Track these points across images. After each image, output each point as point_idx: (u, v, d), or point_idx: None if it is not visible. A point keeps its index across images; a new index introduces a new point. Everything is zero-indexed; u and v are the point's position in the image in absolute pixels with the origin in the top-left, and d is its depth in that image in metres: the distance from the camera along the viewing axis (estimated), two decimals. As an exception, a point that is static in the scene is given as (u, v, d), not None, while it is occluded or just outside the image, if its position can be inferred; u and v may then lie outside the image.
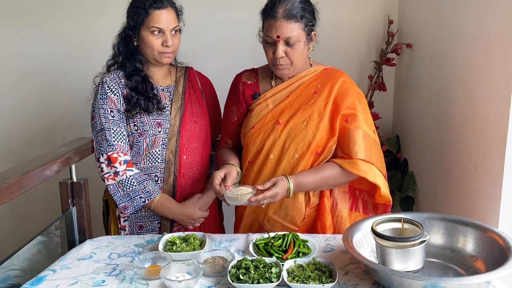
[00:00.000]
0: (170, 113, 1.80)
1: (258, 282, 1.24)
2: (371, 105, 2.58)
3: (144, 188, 1.72)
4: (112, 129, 1.72)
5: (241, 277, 1.26)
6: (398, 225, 1.33)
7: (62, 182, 1.64)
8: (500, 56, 1.51)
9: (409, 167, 2.47)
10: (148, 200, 1.72)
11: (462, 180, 1.80)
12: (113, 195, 1.71)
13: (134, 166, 1.74)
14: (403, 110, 2.58)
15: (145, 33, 1.72)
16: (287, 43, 1.57)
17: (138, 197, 1.71)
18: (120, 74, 1.78)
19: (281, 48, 1.57)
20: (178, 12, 1.78)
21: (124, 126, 1.75)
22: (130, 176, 1.71)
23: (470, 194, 1.73)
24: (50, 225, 1.57)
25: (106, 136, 1.71)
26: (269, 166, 1.67)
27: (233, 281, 1.26)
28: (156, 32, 1.71)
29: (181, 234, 1.55)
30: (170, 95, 1.83)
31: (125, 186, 1.70)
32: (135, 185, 1.71)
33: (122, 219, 1.82)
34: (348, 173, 1.61)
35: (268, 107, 1.70)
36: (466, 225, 1.40)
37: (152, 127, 1.76)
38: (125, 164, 1.71)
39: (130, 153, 1.77)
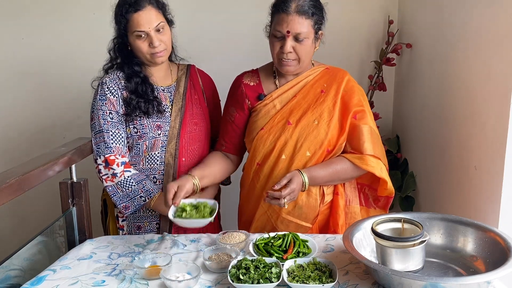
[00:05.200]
0: (170, 115, 1.79)
1: (258, 282, 1.24)
2: (371, 105, 2.58)
3: (143, 187, 1.72)
4: (111, 131, 1.71)
5: (241, 277, 1.26)
6: (398, 225, 1.33)
7: (62, 182, 1.64)
8: (499, 56, 1.51)
9: (409, 167, 2.47)
10: (148, 199, 1.72)
11: (462, 180, 1.80)
12: (112, 196, 1.71)
13: (132, 167, 1.73)
14: (403, 110, 2.58)
15: (132, 39, 1.69)
16: (296, 39, 1.57)
17: (138, 196, 1.71)
18: (120, 75, 1.76)
19: (289, 44, 1.57)
20: (160, 7, 1.71)
21: (123, 128, 1.74)
22: (129, 176, 1.70)
23: (470, 194, 1.73)
24: (50, 225, 1.57)
25: (104, 138, 1.70)
26: (281, 167, 1.66)
27: (233, 281, 1.26)
28: (141, 36, 1.67)
29: (193, 201, 1.55)
30: (171, 95, 1.81)
31: (124, 187, 1.70)
32: (134, 185, 1.70)
33: (120, 219, 1.83)
34: (358, 168, 1.64)
35: (275, 108, 1.69)
36: (466, 225, 1.40)
37: (152, 129, 1.75)
38: (123, 166, 1.70)
39: (129, 154, 1.76)
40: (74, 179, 1.65)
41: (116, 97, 1.73)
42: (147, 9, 1.66)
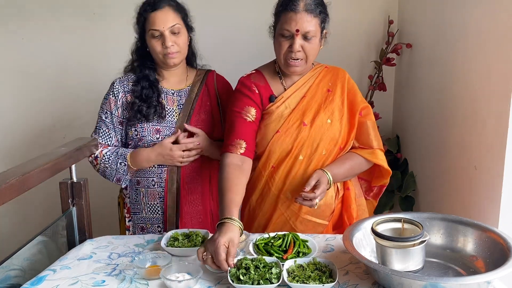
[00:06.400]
0: (177, 120, 1.79)
1: (258, 283, 1.24)
2: (371, 105, 2.58)
3: (118, 153, 1.75)
4: (102, 129, 1.79)
5: (241, 277, 1.25)
6: (398, 225, 1.33)
7: (62, 182, 1.64)
8: (500, 56, 1.51)
9: (409, 167, 2.48)
10: (125, 161, 1.74)
11: (462, 180, 1.80)
12: (105, 177, 1.78)
13: (109, 147, 1.78)
14: (403, 110, 2.58)
15: (148, 37, 1.73)
16: (305, 37, 1.57)
17: (119, 163, 1.74)
18: (131, 77, 1.80)
19: (298, 42, 1.57)
20: (179, 10, 1.73)
21: (114, 128, 1.79)
22: (106, 153, 1.76)
23: (470, 194, 1.73)
24: (50, 225, 1.57)
25: (96, 134, 1.80)
26: (298, 167, 1.66)
27: (233, 281, 1.25)
28: (155, 35, 1.70)
29: (185, 230, 1.57)
30: (180, 99, 1.82)
31: (106, 162, 1.75)
32: (112, 157, 1.75)
33: (127, 219, 1.86)
34: (369, 162, 1.70)
35: (287, 109, 1.68)
36: (466, 225, 1.40)
37: (150, 133, 1.76)
38: (101, 147, 1.77)
39: None
40: (74, 179, 1.65)
41: (116, 99, 1.78)
42: (164, 10, 1.70)
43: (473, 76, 1.71)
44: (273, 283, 1.24)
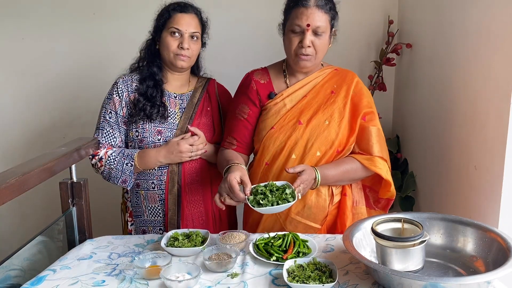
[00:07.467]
0: (179, 122, 1.81)
1: (278, 204, 1.41)
2: (371, 105, 2.58)
3: (124, 154, 1.75)
4: (105, 128, 1.78)
5: (261, 202, 1.38)
6: (398, 225, 1.33)
7: (62, 182, 1.64)
8: (500, 56, 1.51)
9: (409, 167, 2.48)
10: (132, 161, 1.74)
11: (462, 180, 1.80)
12: (110, 179, 1.77)
13: (112, 148, 1.78)
14: (403, 110, 2.58)
15: (165, 34, 1.76)
16: (315, 33, 1.58)
17: (125, 164, 1.74)
18: (135, 77, 1.82)
19: (308, 38, 1.58)
20: (202, 22, 1.81)
21: (119, 128, 1.79)
22: (111, 154, 1.75)
23: (470, 194, 1.73)
24: (50, 225, 1.57)
25: (99, 134, 1.78)
26: (291, 166, 1.64)
27: (254, 207, 1.40)
28: (175, 34, 1.74)
29: (185, 230, 1.57)
30: (182, 103, 1.84)
31: (112, 163, 1.74)
32: (117, 157, 1.75)
33: (129, 224, 1.87)
34: (366, 169, 1.66)
35: (285, 107, 1.69)
36: (466, 225, 1.40)
37: (151, 134, 1.77)
38: (105, 149, 1.77)
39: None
40: (74, 179, 1.65)
41: (121, 99, 1.78)
42: (191, 15, 1.77)
43: (473, 76, 1.71)
44: (290, 202, 1.42)
